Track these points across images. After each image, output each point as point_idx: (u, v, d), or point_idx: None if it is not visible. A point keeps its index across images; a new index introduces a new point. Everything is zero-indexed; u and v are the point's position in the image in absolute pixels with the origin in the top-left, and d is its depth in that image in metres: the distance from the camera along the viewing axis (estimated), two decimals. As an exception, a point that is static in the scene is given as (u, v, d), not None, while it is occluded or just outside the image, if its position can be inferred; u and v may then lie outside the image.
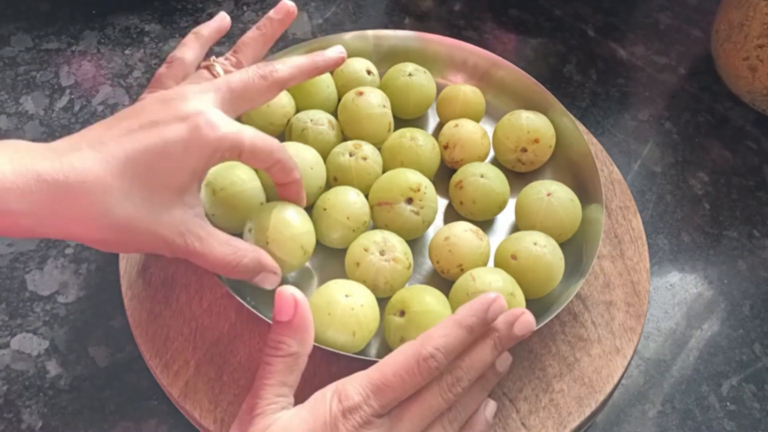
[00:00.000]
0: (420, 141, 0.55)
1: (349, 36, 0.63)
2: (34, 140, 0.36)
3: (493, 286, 0.46)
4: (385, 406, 0.33)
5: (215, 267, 0.41)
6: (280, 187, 0.47)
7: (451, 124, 0.58)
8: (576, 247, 0.52)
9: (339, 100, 0.60)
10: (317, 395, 0.34)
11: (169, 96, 0.38)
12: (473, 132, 0.57)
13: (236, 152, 0.39)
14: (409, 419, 0.34)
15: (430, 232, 0.54)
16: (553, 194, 0.52)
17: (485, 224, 0.56)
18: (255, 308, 0.45)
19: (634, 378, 0.52)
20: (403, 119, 0.61)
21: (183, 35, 0.73)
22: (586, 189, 0.55)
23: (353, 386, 0.34)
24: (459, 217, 0.55)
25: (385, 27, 0.77)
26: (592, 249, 0.50)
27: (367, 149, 0.54)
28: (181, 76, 0.46)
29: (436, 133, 0.61)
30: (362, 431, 0.33)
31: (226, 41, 0.73)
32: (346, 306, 0.44)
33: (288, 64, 0.44)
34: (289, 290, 0.35)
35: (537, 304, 0.49)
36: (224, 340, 0.48)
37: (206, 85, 0.40)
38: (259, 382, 0.35)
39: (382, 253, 0.48)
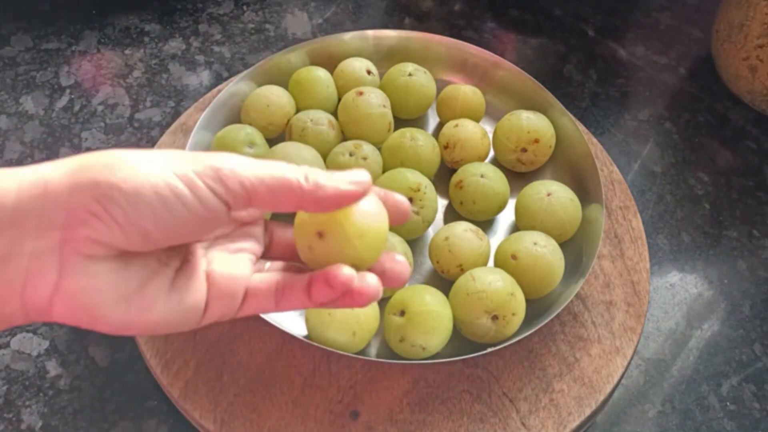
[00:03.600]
0: (420, 141, 0.55)
1: (349, 36, 0.63)
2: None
3: (493, 286, 0.46)
4: None
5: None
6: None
7: (451, 124, 0.58)
8: (576, 247, 0.52)
9: (339, 100, 0.60)
10: None
11: None
12: (473, 132, 0.57)
13: None
14: None
15: (430, 232, 0.54)
16: (553, 194, 0.52)
17: (485, 224, 0.56)
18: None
19: (634, 378, 0.52)
20: (403, 119, 0.61)
21: (183, 35, 0.74)
22: (586, 189, 0.55)
23: None
24: (459, 217, 0.55)
25: (385, 27, 0.77)
26: (592, 249, 0.50)
27: (367, 149, 0.54)
28: None
29: (436, 133, 0.61)
30: None
31: (225, 41, 0.73)
32: (346, 306, 0.44)
33: None
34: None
35: (537, 304, 0.49)
36: (224, 340, 0.48)
37: None
38: None
39: (382, 253, 0.48)
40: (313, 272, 0.28)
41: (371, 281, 0.27)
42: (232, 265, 0.28)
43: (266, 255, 0.31)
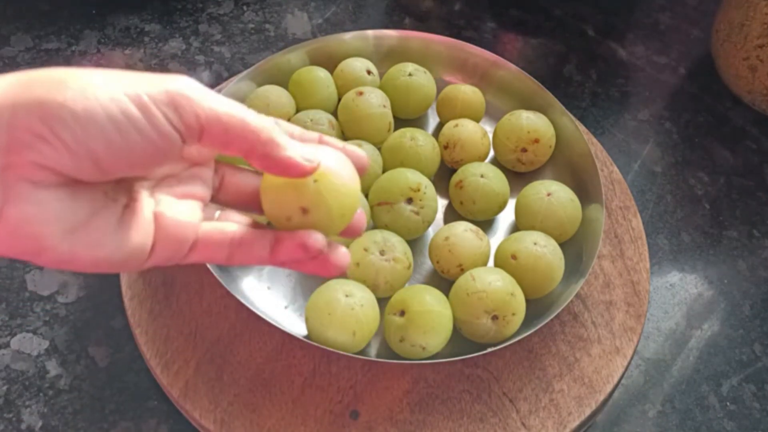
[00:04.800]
0: (420, 141, 0.55)
1: (349, 36, 0.63)
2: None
3: (493, 286, 0.46)
4: None
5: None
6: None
7: (451, 124, 0.58)
8: (576, 247, 0.52)
9: (339, 100, 0.60)
10: None
11: None
12: (473, 132, 0.57)
13: None
14: None
15: (430, 232, 0.54)
16: (553, 194, 0.52)
17: (485, 224, 0.56)
18: (255, 308, 0.45)
19: (634, 378, 0.52)
20: (403, 119, 0.61)
21: (183, 35, 0.74)
22: (586, 189, 0.55)
23: None
24: (459, 217, 0.55)
25: (385, 27, 0.77)
26: (592, 249, 0.50)
27: (367, 149, 0.54)
28: None
29: (436, 133, 0.61)
30: None
31: (225, 41, 0.73)
32: (346, 306, 0.44)
33: None
34: None
35: (537, 304, 0.49)
36: (224, 340, 0.48)
37: None
38: None
39: (382, 253, 0.48)
40: (278, 231, 0.28)
41: (343, 251, 0.29)
42: (181, 208, 0.27)
43: (215, 198, 0.30)
